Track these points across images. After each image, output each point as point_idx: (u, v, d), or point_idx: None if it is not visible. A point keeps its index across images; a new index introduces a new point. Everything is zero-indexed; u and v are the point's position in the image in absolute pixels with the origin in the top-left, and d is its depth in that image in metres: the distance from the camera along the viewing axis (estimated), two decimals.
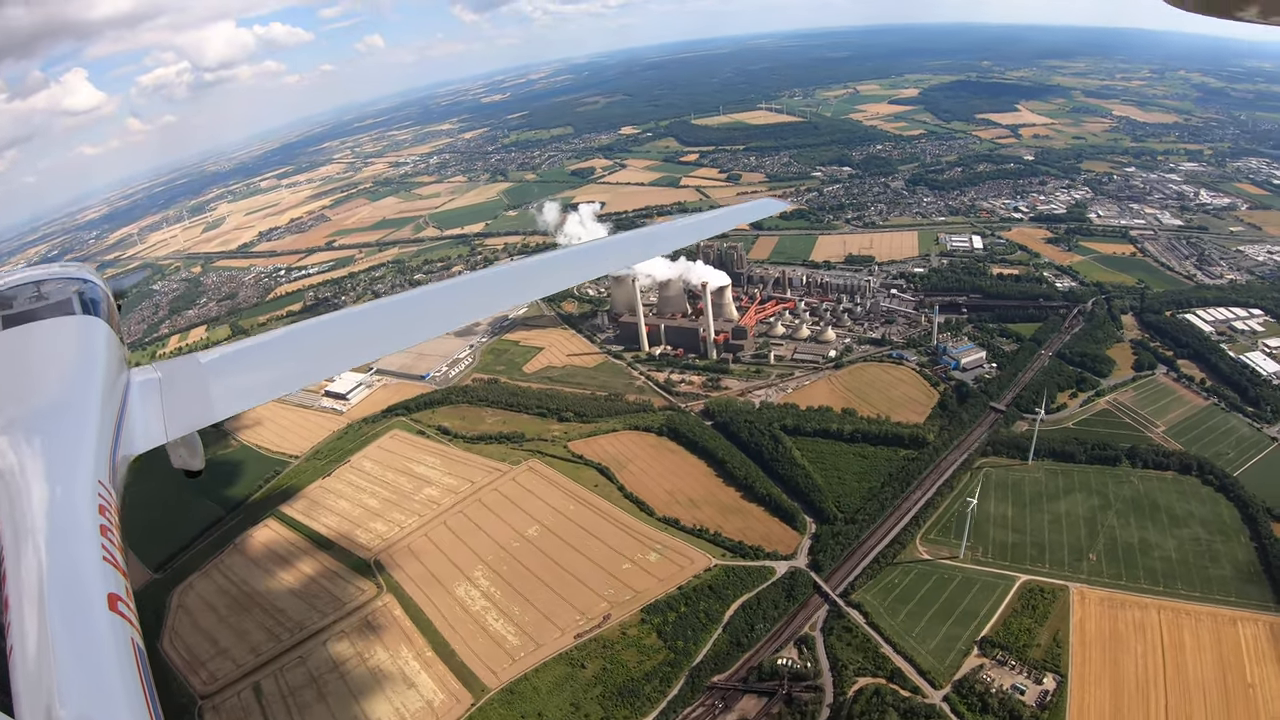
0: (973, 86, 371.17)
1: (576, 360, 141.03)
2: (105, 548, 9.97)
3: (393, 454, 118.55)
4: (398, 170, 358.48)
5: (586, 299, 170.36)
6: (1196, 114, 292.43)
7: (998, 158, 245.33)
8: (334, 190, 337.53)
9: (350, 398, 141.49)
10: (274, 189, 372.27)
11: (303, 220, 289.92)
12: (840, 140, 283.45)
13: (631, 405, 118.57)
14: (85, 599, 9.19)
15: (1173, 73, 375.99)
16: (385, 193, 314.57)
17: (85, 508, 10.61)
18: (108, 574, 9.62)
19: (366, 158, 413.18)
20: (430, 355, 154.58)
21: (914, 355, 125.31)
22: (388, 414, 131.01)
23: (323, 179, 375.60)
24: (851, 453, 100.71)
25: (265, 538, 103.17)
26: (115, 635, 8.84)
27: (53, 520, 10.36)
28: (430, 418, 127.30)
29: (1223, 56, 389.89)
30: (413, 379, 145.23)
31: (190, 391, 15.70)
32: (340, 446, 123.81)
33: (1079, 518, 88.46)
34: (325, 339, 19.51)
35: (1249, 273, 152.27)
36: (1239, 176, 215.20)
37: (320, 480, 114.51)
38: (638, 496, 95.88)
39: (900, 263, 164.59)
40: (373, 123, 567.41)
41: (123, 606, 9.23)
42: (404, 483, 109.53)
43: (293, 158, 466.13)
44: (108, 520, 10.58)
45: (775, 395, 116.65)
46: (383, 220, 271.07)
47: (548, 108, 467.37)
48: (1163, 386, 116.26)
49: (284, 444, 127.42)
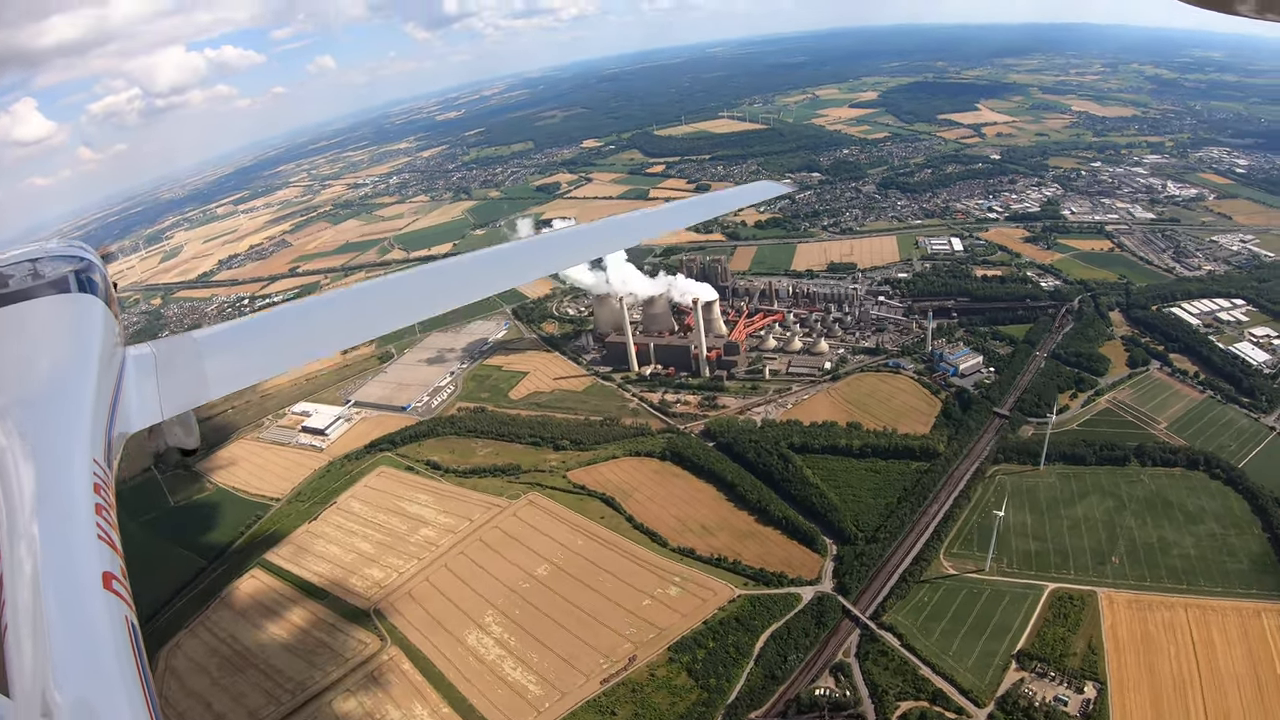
0: (931, 87, 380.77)
1: (564, 384, 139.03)
2: (100, 526, 10.10)
3: (381, 493, 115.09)
4: (357, 192, 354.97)
5: (567, 319, 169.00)
6: (1153, 106, 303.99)
7: (965, 158, 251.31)
8: (293, 215, 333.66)
9: (329, 433, 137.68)
10: (231, 215, 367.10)
11: (263, 247, 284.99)
12: (806, 146, 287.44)
13: (629, 429, 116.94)
14: (80, 577, 9.31)
15: (1125, 66, 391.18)
16: (346, 215, 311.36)
17: (81, 486, 10.74)
18: (103, 552, 9.76)
19: (324, 180, 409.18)
20: (410, 385, 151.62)
21: (910, 363, 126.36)
22: (371, 449, 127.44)
23: (280, 203, 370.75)
24: (863, 468, 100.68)
25: (252, 589, 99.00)
26: (110, 614, 8.95)
27: (48, 498, 10.47)
28: (418, 452, 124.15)
29: (1171, 47, 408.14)
30: (393, 410, 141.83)
31: (186, 370, 15.92)
32: (323, 486, 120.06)
33: (1097, 521, 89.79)
34: (321, 318, 19.99)
35: (1225, 263, 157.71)
36: (1202, 166, 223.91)
37: (306, 525, 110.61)
38: (648, 527, 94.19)
39: (883, 268, 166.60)
40: (327, 144, 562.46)
41: (117, 585, 9.35)
42: (397, 524, 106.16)
43: (248, 182, 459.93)
44: (103, 499, 10.70)
45: (776, 412, 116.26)
46: (346, 244, 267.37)
47: (505, 123, 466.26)
48: (1159, 382, 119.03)
49: (262, 485, 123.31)
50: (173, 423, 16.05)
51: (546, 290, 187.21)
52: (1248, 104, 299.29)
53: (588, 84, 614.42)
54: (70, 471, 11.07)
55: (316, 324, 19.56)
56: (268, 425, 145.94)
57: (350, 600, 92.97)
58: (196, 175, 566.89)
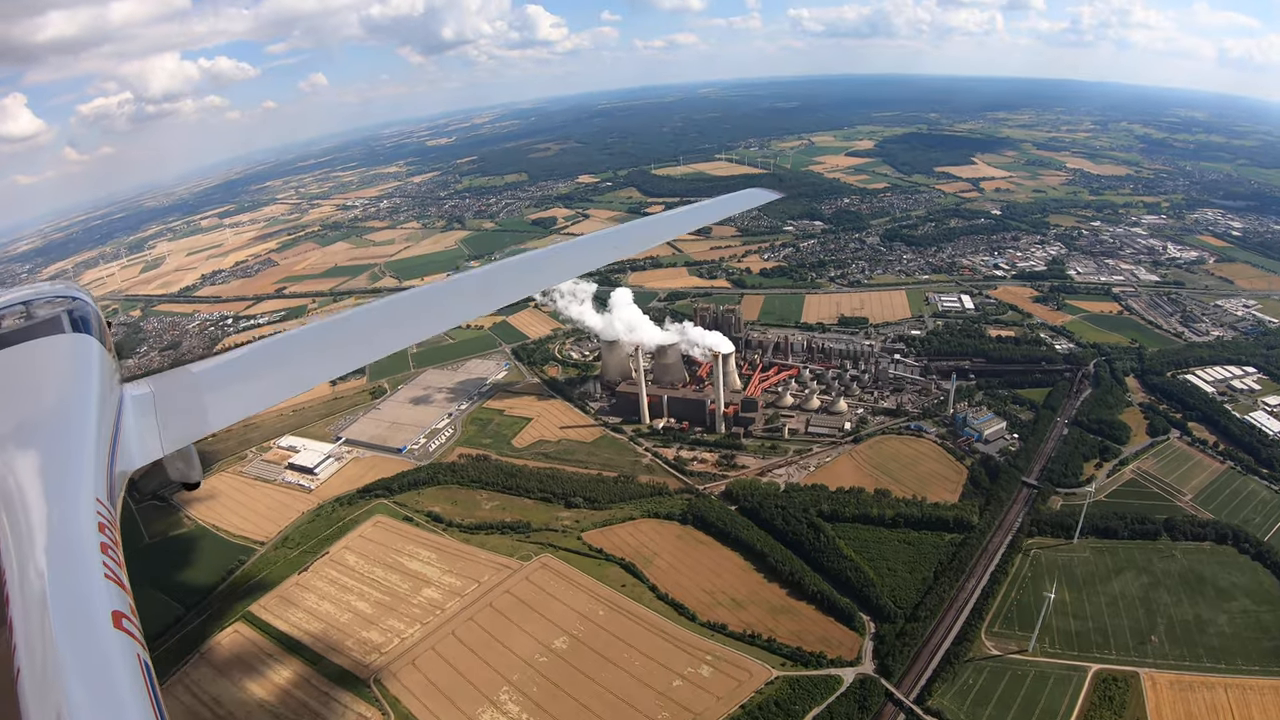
0: (926, 139, 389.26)
1: (571, 433, 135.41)
2: (107, 565, 10.20)
3: (379, 545, 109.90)
4: (346, 214, 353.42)
5: (570, 363, 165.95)
6: (1145, 165, 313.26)
7: (966, 212, 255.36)
8: (280, 232, 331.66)
9: (318, 472, 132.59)
10: (216, 228, 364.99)
11: (248, 264, 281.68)
12: (806, 193, 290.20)
13: (646, 488, 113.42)
14: (90, 618, 9.35)
15: (1115, 124, 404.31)
16: (335, 237, 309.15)
17: (85, 526, 10.86)
18: (111, 591, 9.81)
19: (312, 199, 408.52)
20: (405, 425, 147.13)
21: (932, 426, 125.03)
22: (365, 495, 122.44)
23: (267, 220, 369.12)
24: (896, 539, 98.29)
25: (236, 645, 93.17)
26: (122, 652, 8.98)
27: (54, 540, 10.60)
28: (417, 501, 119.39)
29: (1157, 106, 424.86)
30: (387, 452, 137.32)
31: (184, 404, 16.26)
32: (313, 532, 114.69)
33: (1134, 598, 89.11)
34: (318, 344, 20.20)
35: (1232, 328, 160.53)
36: (1199, 228, 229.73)
37: (295, 575, 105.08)
38: (674, 598, 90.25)
39: (895, 324, 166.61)
40: (315, 162, 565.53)
41: (127, 624, 9.41)
42: (397, 581, 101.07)
43: (234, 196, 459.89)
44: (108, 537, 10.83)
45: (798, 474, 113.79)
46: (335, 267, 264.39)
47: (499, 153, 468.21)
48: (1180, 452, 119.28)
49: (246, 525, 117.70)
50: (174, 457, 16.21)
51: (547, 331, 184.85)
52: (1236, 165, 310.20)
53: (581, 118, 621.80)
54: (75, 512, 11.21)
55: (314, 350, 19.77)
56: (251, 458, 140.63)
57: (347, 666, 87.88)
58: (182, 185, 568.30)
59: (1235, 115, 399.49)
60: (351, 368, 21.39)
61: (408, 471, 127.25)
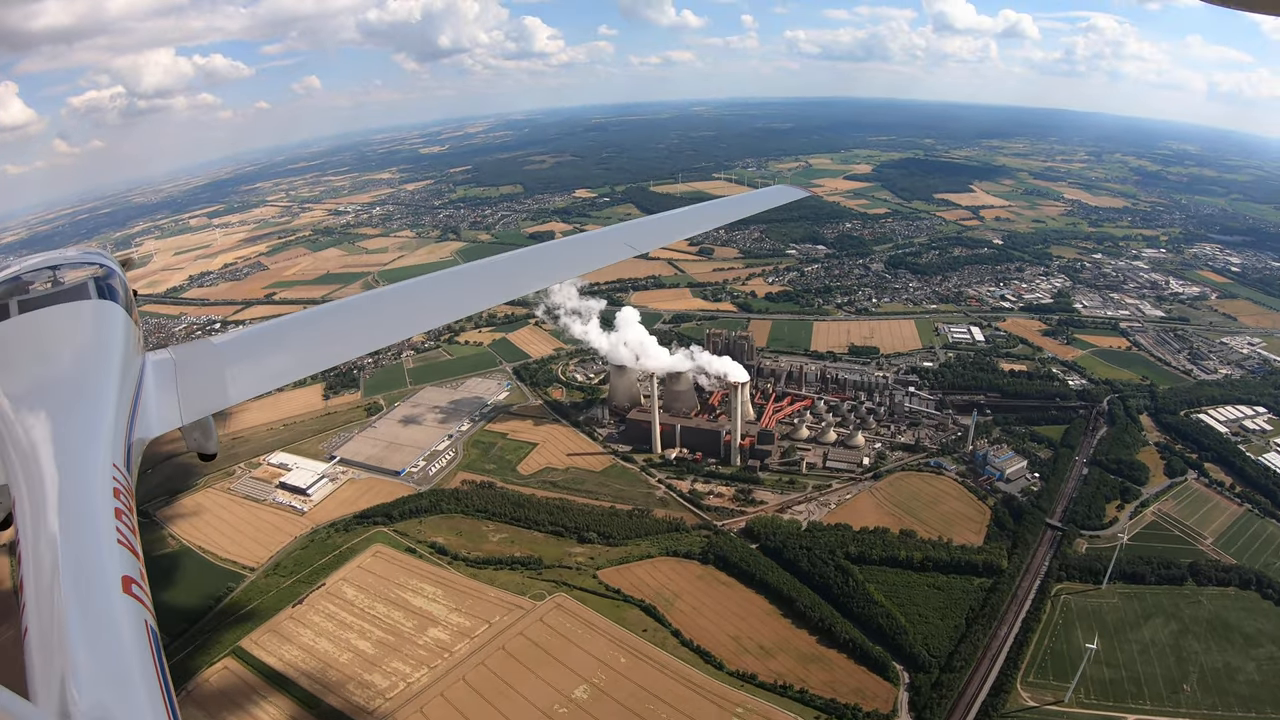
0: (924, 165, 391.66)
1: (579, 461, 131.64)
2: (120, 530, 10.35)
3: (379, 578, 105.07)
4: (338, 219, 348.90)
5: (575, 385, 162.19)
6: (1141, 198, 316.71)
7: (968, 240, 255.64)
8: (269, 235, 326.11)
9: (311, 493, 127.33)
10: (204, 228, 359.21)
11: (238, 267, 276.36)
12: (808, 217, 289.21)
13: (662, 524, 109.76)
14: (100, 581, 9.46)
15: (1109, 155, 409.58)
16: (327, 243, 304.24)
17: (101, 491, 10.97)
18: (123, 556, 9.96)
19: (303, 203, 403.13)
20: (403, 446, 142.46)
21: (952, 463, 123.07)
22: (363, 521, 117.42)
23: (256, 221, 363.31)
24: (925, 584, 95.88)
25: (224, 683, 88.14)
26: (130, 618, 9.13)
27: (69, 503, 10.69)
28: (419, 530, 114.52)
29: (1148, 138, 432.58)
30: (385, 474, 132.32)
31: (205, 376, 16.42)
32: (306, 560, 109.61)
33: (1164, 645, 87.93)
34: (342, 323, 20.09)
35: (1239, 366, 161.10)
36: (1198, 263, 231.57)
37: (289, 609, 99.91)
38: (699, 645, 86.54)
39: (906, 355, 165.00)
40: (306, 165, 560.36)
41: (137, 589, 9.58)
42: (400, 619, 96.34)
43: (223, 196, 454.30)
44: (123, 503, 10.98)
45: (819, 512, 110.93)
46: (327, 274, 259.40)
47: (493, 164, 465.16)
48: (1198, 494, 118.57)
49: (234, 548, 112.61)
50: (192, 428, 16.23)
51: (550, 350, 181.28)
52: (1230, 200, 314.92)
53: (575, 131, 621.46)
54: (91, 476, 11.24)
55: (335, 329, 19.72)
56: (240, 475, 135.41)
57: (346, 710, 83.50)
58: (171, 182, 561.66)
59: (1226, 149, 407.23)
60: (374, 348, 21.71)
61: (408, 497, 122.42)
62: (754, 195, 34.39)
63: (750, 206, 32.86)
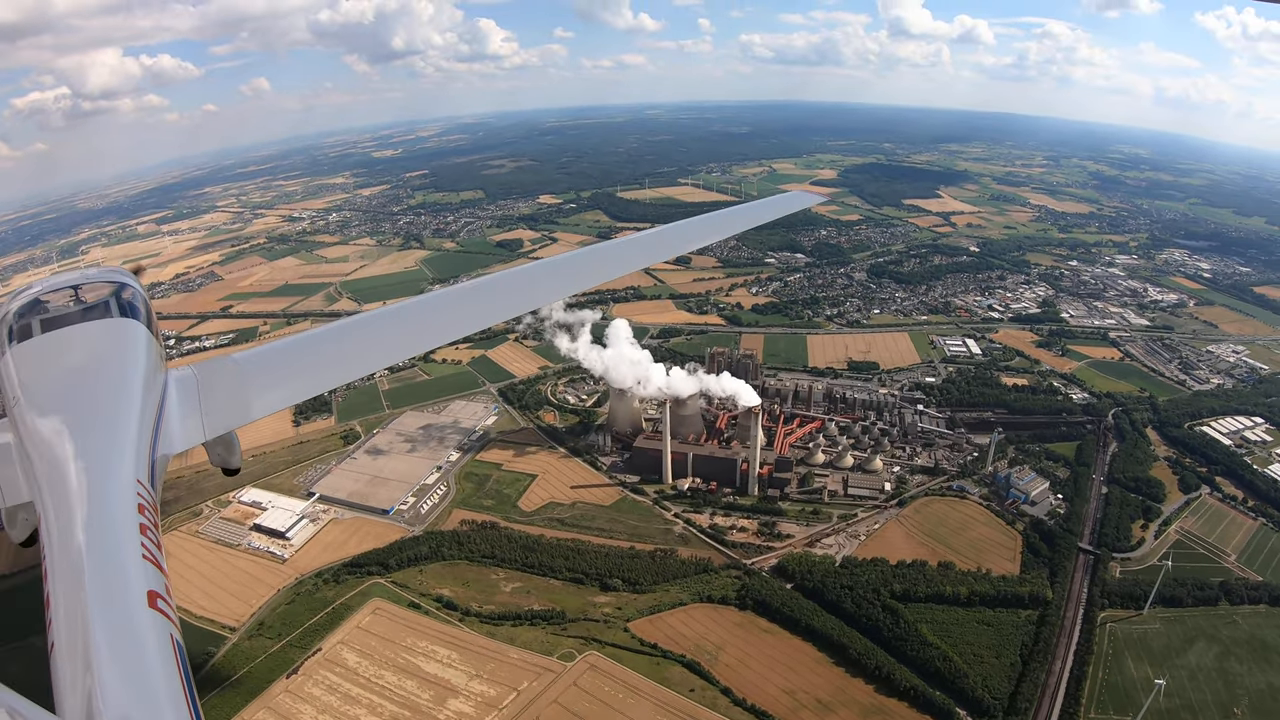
0: (888, 170, 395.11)
1: (585, 494, 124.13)
2: (145, 546, 10.58)
3: (383, 640, 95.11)
4: (293, 226, 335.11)
5: (568, 408, 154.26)
6: (1104, 203, 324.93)
7: (946, 248, 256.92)
8: (222, 243, 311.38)
9: (290, 536, 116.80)
10: (153, 235, 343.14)
11: (190, 277, 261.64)
12: (782, 224, 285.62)
13: (688, 565, 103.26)
14: (126, 596, 9.67)
15: (1066, 160, 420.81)
16: (283, 251, 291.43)
17: (126, 507, 11.24)
18: (148, 571, 10.18)
19: (255, 208, 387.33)
20: (388, 479, 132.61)
21: (973, 486, 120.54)
22: (354, 570, 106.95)
23: (207, 228, 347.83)
24: (973, 620, 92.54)
25: None
26: (156, 632, 9.35)
27: (95, 519, 10.87)
28: (421, 581, 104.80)
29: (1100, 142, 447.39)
30: (371, 513, 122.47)
31: (227, 391, 16.46)
32: (293, 617, 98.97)
33: (1210, 669, 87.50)
34: (359, 339, 20.32)
35: (1228, 375, 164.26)
36: (1170, 269, 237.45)
37: (284, 680, 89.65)
38: (753, 704, 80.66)
39: (907, 370, 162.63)
40: (256, 169, 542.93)
41: (162, 604, 9.79)
42: (414, 690, 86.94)
43: (171, 201, 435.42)
44: (147, 519, 11.19)
45: (849, 544, 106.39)
46: (285, 285, 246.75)
47: (450, 169, 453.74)
48: (1215, 509, 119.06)
49: (209, 604, 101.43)
50: (215, 444, 16.39)
51: (534, 368, 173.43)
52: (1189, 204, 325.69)
53: (530, 135, 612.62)
54: (117, 493, 11.47)
55: (353, 344, 19.97)
56: (208, 515, 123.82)
57: None
58: (116, 186, 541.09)
59: (1176, 153, 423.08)
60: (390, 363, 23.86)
61: (403, 542, 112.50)
62: (769, 202, 33.71)
63: (767, 213, 32.71)
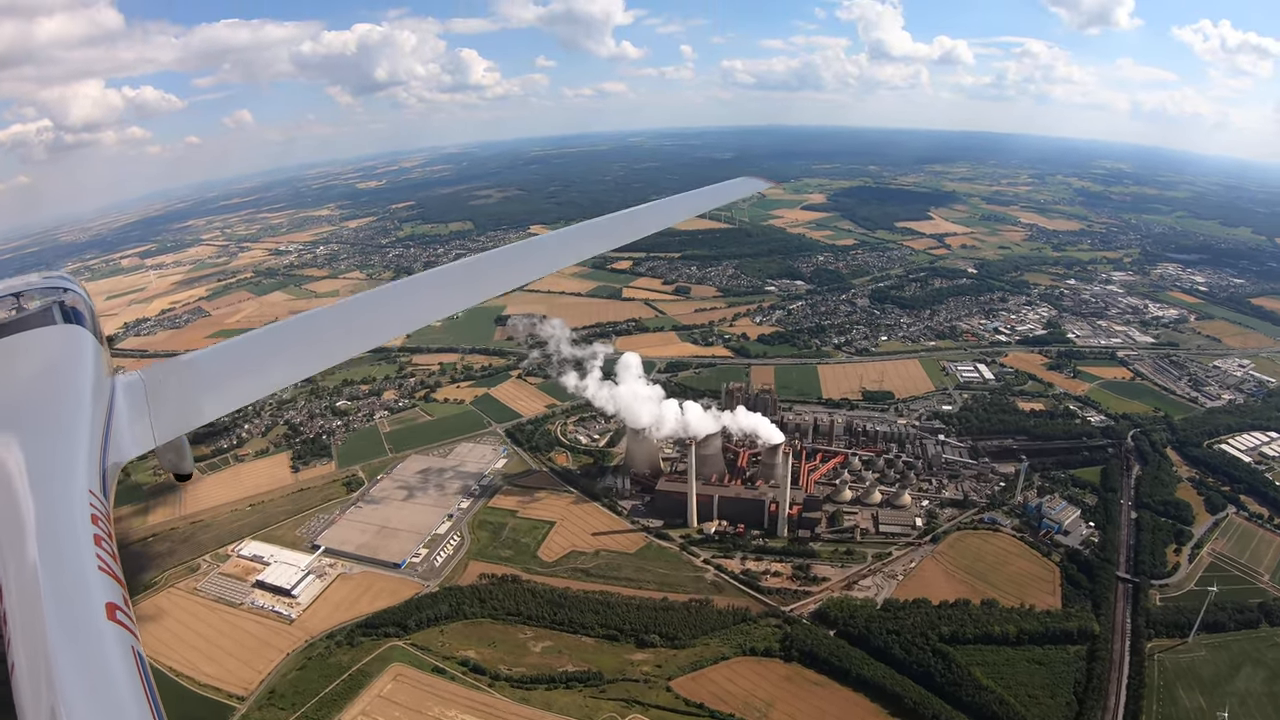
0: (877, 193, 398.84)
1: (607, 541, 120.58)
2: (100, 557, 10.45)
3: (410, 711, 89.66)
4: (280, 259, 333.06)
5: (580, 449, 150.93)
6: (1094, 219, 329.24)
7: (944, 271, 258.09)
8: (208, 277, 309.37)
9: (297, 594, 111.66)
10: (137, 269, 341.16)
11: (176, 313, 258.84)
12: (778, 250, 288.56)
13: (726, 615, 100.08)
14: (84, 610, 9.54)
15: (1051, 177, 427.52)
16: (271, 286, 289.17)
17: (79, 518, 11.08)
18: (105, 583, 10.08)
19: (240, 241, 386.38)
20: (397, 529, 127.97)
21: (1004, 517, 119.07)
22: (369, 632, 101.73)
23: (192, 262, 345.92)
24: (1024, 659, 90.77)
25: None
26: (117, 645, 9.20)
27: (47, 532, 10.66)
28: (442, 642, 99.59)
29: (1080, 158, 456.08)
30: (382, 567, 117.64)
31: (177, 395, 16.35)
32: (306, 684, 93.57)
33: (1261, 695, 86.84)
34: (314, 332, 20.52)
35: (1238, 390, 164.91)
36: (1167, 284, 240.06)
37: None
38: None
39: (922, 399, 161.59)
40: (240, 202, 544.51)
41: (121, 615, 9.65)
42: None
43: (155, 234, 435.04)
44: (101, 529, 11.07)
45: (888, 585, 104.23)
46: (275, 321, 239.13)
47: (437, 200, 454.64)
48: (1243, 529, 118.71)
49: (214, 669, 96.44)
50: (166, 449, 16.11)
51: (541, 407, 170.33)
52: (1176, 218, 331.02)
53: (515, 165, 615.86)
54: (69, 504, 11.32)
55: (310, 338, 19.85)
56: (206, 570, 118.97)
57: None
58: (100, 220, 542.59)
59: (1157, 166, 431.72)
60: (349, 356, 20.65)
61: (421, 600, 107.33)
62: (721, 187, 35.11)
63: (719, 198, 34.49)
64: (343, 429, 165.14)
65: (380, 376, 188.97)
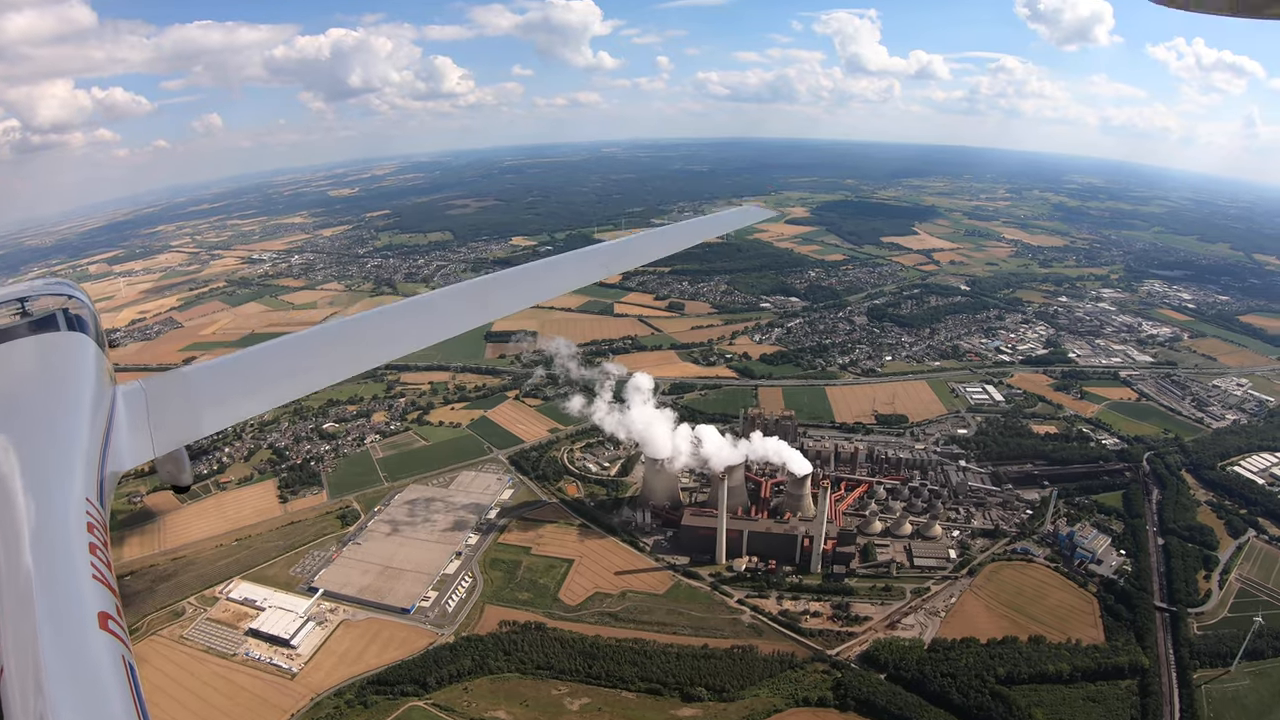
0: (859, 207, 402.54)
1: (632, 581, 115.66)
2: (95, 566, 10.29)
3: None
4: (254, 268, 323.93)
5: (591, 478, 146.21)
6: (1075, 235, 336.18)
7: (937, 288, 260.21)
8: (179, 286, 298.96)
9: (296, 644, 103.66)
10: (105, 276, 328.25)
11: (147, 323, 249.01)
12: (769, 265, 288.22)
13: (772, 662, 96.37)
14: (77, 618, 9.43)
15: (1028, 191, 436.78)
16: (246, 296, 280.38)
17: (75, 526, 10.96)
18: (98, 592, 9.92)
19: (211, 249, 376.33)
20: (401, 569, 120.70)
21: (1035, 547, 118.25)
22: (383, 689, 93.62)
23: (162, 270, 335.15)
24: (1079, 696, 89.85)
25: None
26: (109, 654, 9.08)
27: (42, 539, 10.61)
28: (467, 702, 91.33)
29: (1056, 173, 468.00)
30: (388, 612, 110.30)
31: (177, 407, 16.28)
32: None
33: None
34: (313, 351, 20.45)
35: (1239, 409, 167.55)
36: (1155, 301, 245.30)
37: None
38: None
39: (936, 422, 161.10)
40: (210, 208, 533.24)
41: (114, 625, 9.51)
42: None
43: (122, 239, 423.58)
44: (96, 538, 10.94)
45: (932, 624, 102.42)
46: (252, 334, 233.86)
47: (413, 209, 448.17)
48: (1265, 552, 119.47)
49: None
50: (165, 460, 16.31)
51: (543, 431, 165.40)
52: (1154, 233, 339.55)
53: (490, 174, 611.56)
54: (65, 512, 11.23)
55: (308, 357, 19.82)
56: (191, 614, 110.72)
57: None
58: (65, 224, 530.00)
59: (1128, 181, 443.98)
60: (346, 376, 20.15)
61: (438, 652, 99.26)
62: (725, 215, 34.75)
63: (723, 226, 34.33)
64: (332, 454, 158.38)
65: (368, 396, 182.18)
